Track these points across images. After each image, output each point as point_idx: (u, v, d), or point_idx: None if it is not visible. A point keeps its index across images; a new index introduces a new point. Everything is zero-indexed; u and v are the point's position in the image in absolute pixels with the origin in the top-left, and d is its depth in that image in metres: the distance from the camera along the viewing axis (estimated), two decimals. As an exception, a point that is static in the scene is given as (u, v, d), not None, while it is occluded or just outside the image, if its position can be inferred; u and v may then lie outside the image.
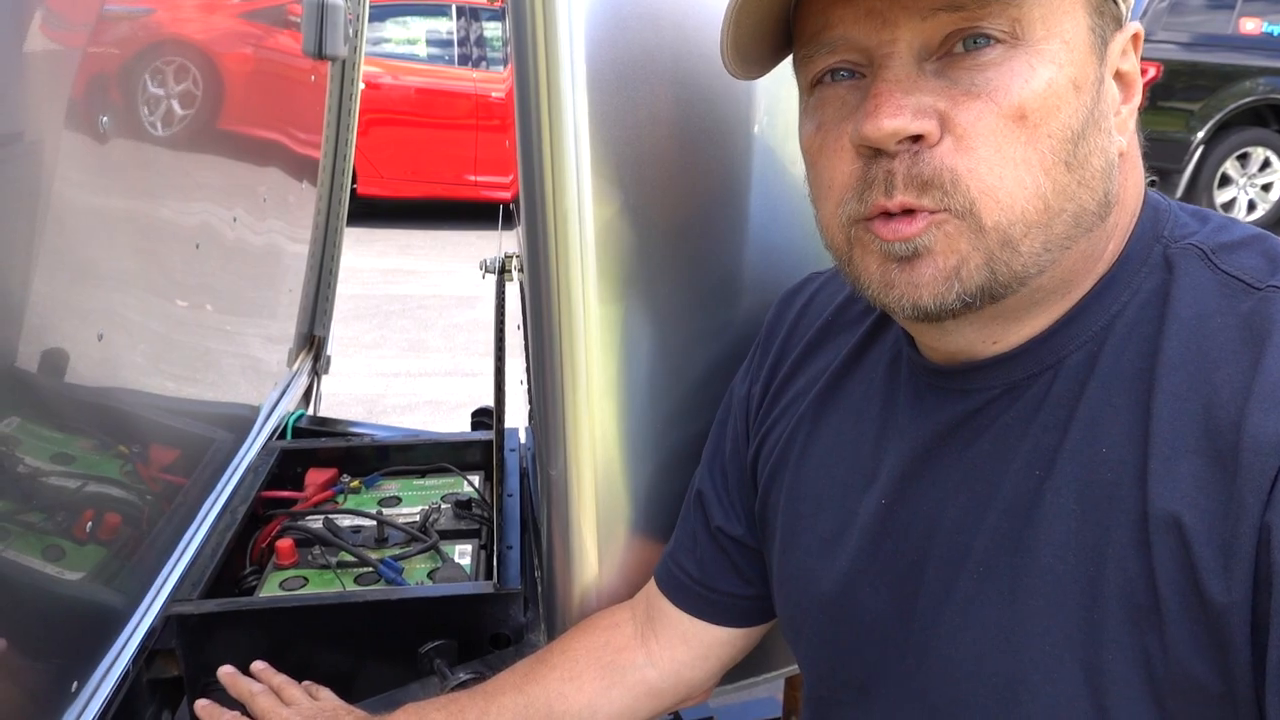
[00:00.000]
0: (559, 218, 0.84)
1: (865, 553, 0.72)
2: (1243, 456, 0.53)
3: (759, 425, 0.84)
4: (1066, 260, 0.61)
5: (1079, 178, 0.59)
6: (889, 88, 0.57)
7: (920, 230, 0.58)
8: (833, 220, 0.64)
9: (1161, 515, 0.55)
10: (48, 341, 0.87)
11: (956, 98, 0.57)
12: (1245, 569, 0.52)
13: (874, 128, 0.57)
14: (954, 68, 0.57)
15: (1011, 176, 0.57)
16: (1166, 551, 0.55)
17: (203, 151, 1.24)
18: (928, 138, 0.57)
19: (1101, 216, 0.61)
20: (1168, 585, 0.55)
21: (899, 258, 0.60)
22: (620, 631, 0.92)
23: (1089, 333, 0.62)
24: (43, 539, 0.88)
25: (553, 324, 0.87)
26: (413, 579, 1.19)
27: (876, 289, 0.62)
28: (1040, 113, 0.56)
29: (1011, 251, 0.58)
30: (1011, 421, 0.64)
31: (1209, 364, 0.57)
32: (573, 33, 0.79)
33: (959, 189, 0.57)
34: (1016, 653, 0.61)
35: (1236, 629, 0.52)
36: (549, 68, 0.80)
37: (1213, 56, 6.69)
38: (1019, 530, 0.62)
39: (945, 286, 0.59)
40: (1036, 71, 0.56)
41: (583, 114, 0.81)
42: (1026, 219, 0.58)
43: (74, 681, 0.92)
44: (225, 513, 1.30)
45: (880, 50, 0.58)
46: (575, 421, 0.90)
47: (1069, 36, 0.57)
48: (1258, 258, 0.60)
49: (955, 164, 0.57)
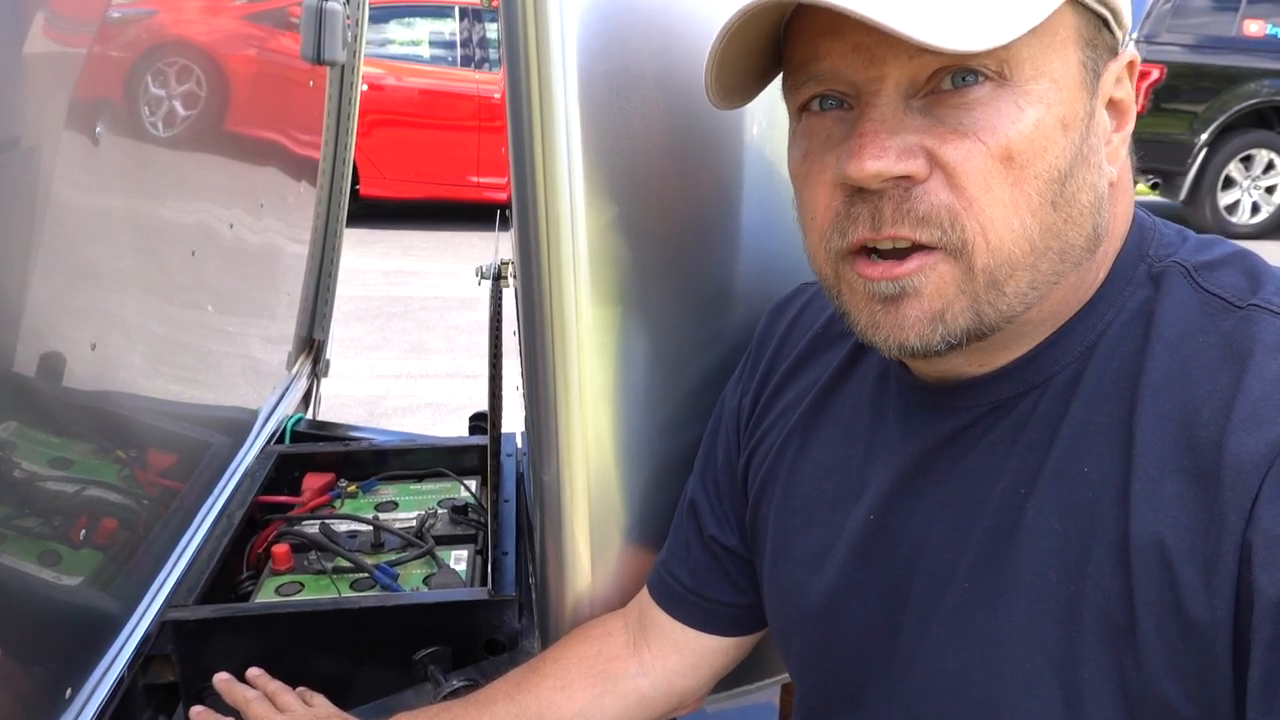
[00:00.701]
0: (551, 226, 0.84)
1: (854, 566, 0.72)
2: (1224, 475, 0.53)
3: (749, 436, 0.85)
4: (1055, 295, 0.61)
5: (1065, 215, 0.58)
6: (874, 128, 0.57)
7: (911, 271, 0.58)
8: (819, 251, 0.64)
9: (1144, 537, 0.55)
10: (44, 345, 0.87)
11: (944, 136, 0.56)
12: (1228, 587, 0.52)
13: (857, 169, 0.57)
14: (940, 105, 0.57)
15: (1000, 218, 0.57)
16: (1146, 573, 0.55)
17: (200, 155, 1.24)
18: (915, 176, 0.57)
19: (1090, 251, 0.61)
20: (1144, 606, 0.55)
21: (885, 298, 0.60)
22: (613, 640, 0.92)
23: (1075, 352, 0.62)
24: (38, 544, 0.88)
25: (545, 330, 0.87)
26: (408, 585, 1.19)
27: (863, 328, 0.63)
28: (1027, 154, 0.56)
29: (997, 293, 0.58)
30: (997, 440, 0.64)
31: (1190, 383, 0.57)
32: (565, 42, 0.79)
33: (957, 225, 0.57)
34: (997, 669, 0.61)
35: (1220, 647, 0.52)
36: (541, 77, 0.80)
37: (1216, 59, 6.68)
38: (1003, 548, 0.62)
39: (930, 329, 0.59)
40: (1024, 112, 0.56)
41: (575, 123, 0.81)
42: (1012, 261, 0.57)
43: (68, 688, 0.92)
44: (222, 517, 1.30)
45: (867, 87, 0.58)
46: (568, 427, 0.90)
47: (1058, 75, 0.57)
48: (1238, 276, 0.60)
49: (951, 200, 0.57)
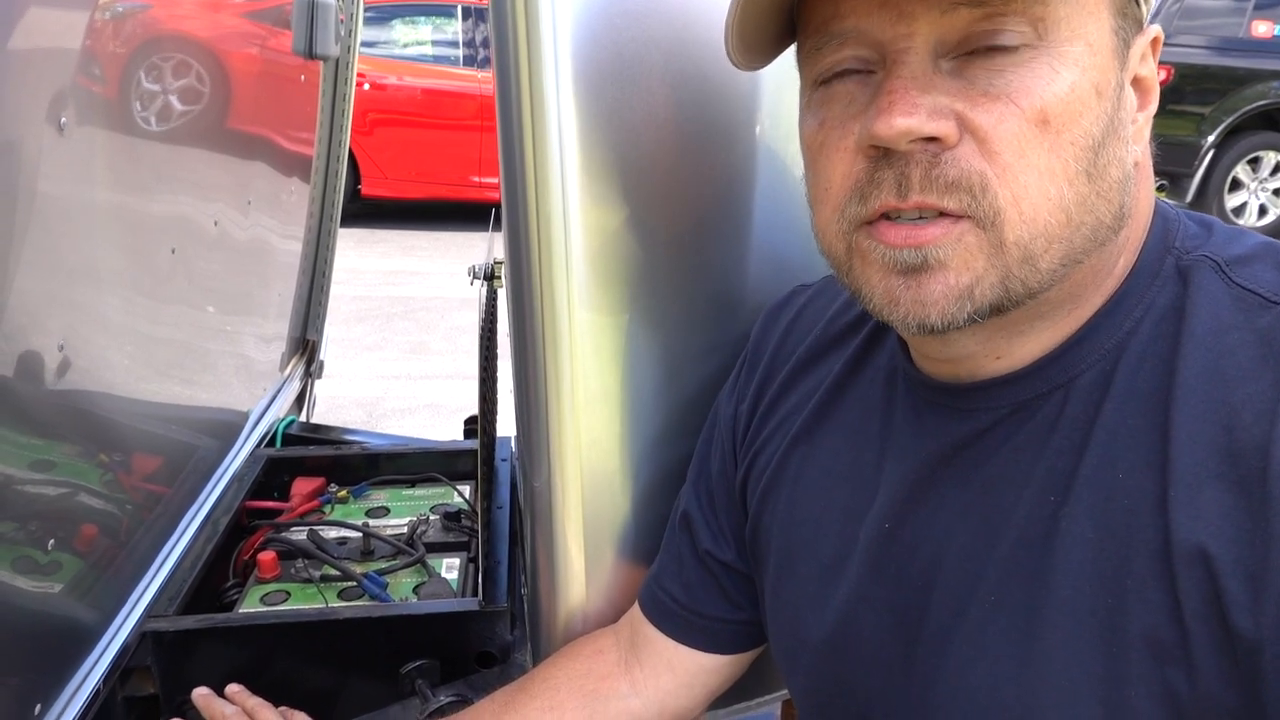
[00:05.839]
0: (542, 222, 0.80)
1: (867, 578, 0.68)
2: (1271, 483, 0.50)
3: (748, 446, 0.81)
4: (1077, 274, 0.58)
5: (1098, 189, 0.55)
6: (903, 84, 0.53)
7: (935, 239, 0.54)
8: (830, 225, 0.60)
9: (1185, 546, 0.52)
10: (23, 344, 0.84)
11: (975, 99, 0.53)
12: (1275, 603, 0.49)
13: (886, 125, 0.53)
14: (971, 67, 0.53)
15: (1035, 186, 0.53)
16: (1192, 584, 0.52)
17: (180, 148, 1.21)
18: (945, 139, 0.53)
19: (1115, 230, 0.58)
20: (1194, 619, 0.51)
21: (905, 269, 0.56)
22: (603, 659, 0.88)
23: (1102, 350, 0.59)
24: (12, 549, 0.85)
25: (536, 331, 0.83)
26: (398, 594, 1.15)
27: (879, 303, 0.58)
28: (1063, 118, 0.53)
29: (1030, 268, 0.55)
30: (1023, 444, 0.60)
31: (1227, 383, 0.53)
32: (557, 27, 0.75)
33: (989, 193, 0.53)
34: (1033, 687, 0.57)
35: (1268, 664, 0.49)
36: (531, 65, 0.75)
37: (1224, 60, 6.65)
38: (1035, 560, 0.58)
39: (956, 306, 0.55)
40: (1059, 74, 0.53)
41: (568, 114, 0.77)
42: (1049, 232, 0.54)
43: (37, 703, 0.88)
44: (207, 523, 1.26)
45: (895, 45, 0.54)
46: (560, 432, 0.86)
47: (1093, 39, 0.54)
48: (1272, 270, 0.57)
49: (983, 167, 0.53)
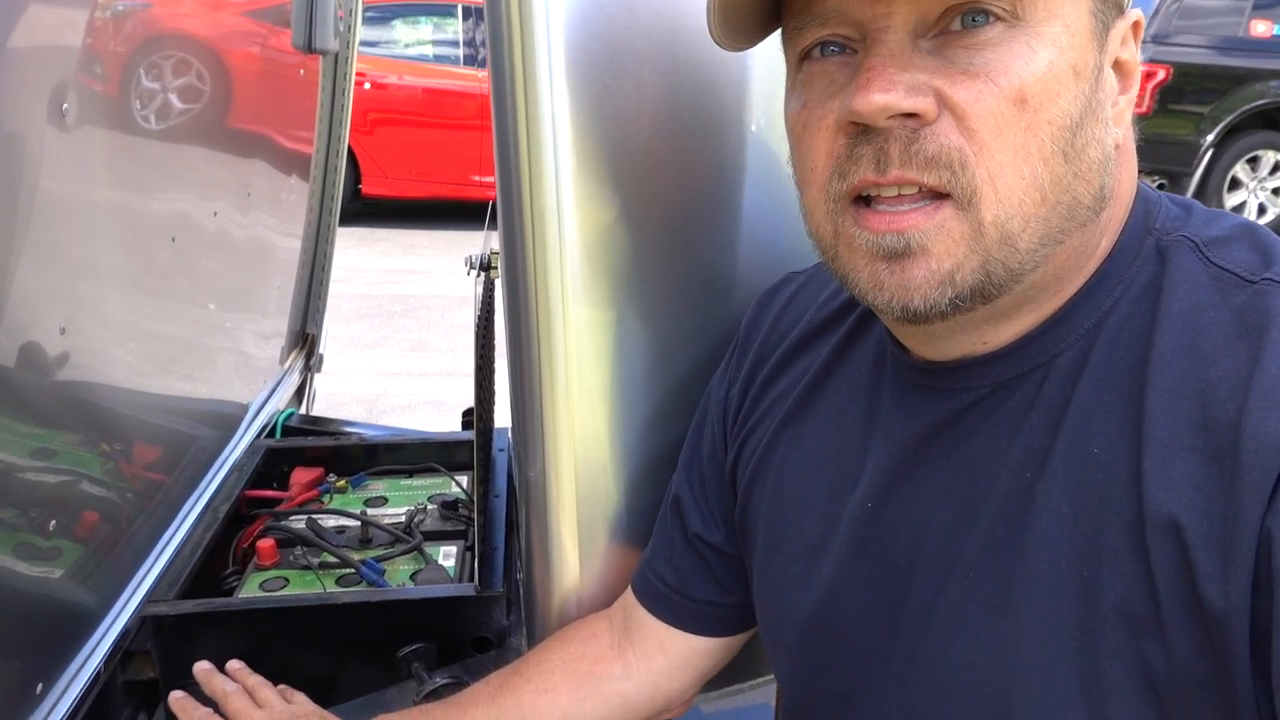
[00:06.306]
0: (536, 213, 0.81)
1: (850, 558, 0.69)
2: (1242, 457, 0.51)
3: (738, 429, 0.82)
4: (1059, 255, 0.59)
5: (1075, 169, 0.56)
6: (881, 62, 0.54)
7: (917, 225, 0.56)
8: (818, 205, 0.61)
9: (1158, 517, 0.53)
10: (25, 334, 0.85)
11: (954, 76, 0.54)
12: (1244, 574, 0.50)
13: (864, 102, 0.54)
14: (950, 46, 0.55)
15: (1010, 164, 0.55)
16: (1164, 555, 0.53)
17: (179, 141, 1.22)
18: (924, 115, 0.54)
19: (1096, 211, 0.59)
20: (1167, 589, 0.53)
21: (889, 254, 0.57)
22: (597, 642, 0.89)
23: (1081, 329, 0.60)
24: (14, 535, 0.86)
25: (530, 321, 0.85)
26: (395, 580, 1.17)
27: (864, 288, 0.59)
28: (1040, 97, 0.54)
29: (1009, 249, 0.56)
30: (1002, 421, 0.62)
31: (1202, 359, 0.54)
32: (550, 18, 0.76)
33: (967, 170, 0.54)
34: (1009, 661, 0.59)
35: (1235, 635, 0.50)
36: (524, 55, 0.77)
37: (1223, 59, 6.64)
38: (1010, 534, 0.59)
39: (938, 291, 0.56)
40: (1037, 53, 0.54)
41: (561, 103, 0.79)
42: (1024, 211, 0.55)
43: (39, 683, 0.89)
44: (207, 511, 1.28)
45: (874, 24, 0.55)
46: (554, 421, 0.87)
47: (1070, 20, 0.55)
48: (1249, 251, 0.58)
49: (961, 144, 0.54)
